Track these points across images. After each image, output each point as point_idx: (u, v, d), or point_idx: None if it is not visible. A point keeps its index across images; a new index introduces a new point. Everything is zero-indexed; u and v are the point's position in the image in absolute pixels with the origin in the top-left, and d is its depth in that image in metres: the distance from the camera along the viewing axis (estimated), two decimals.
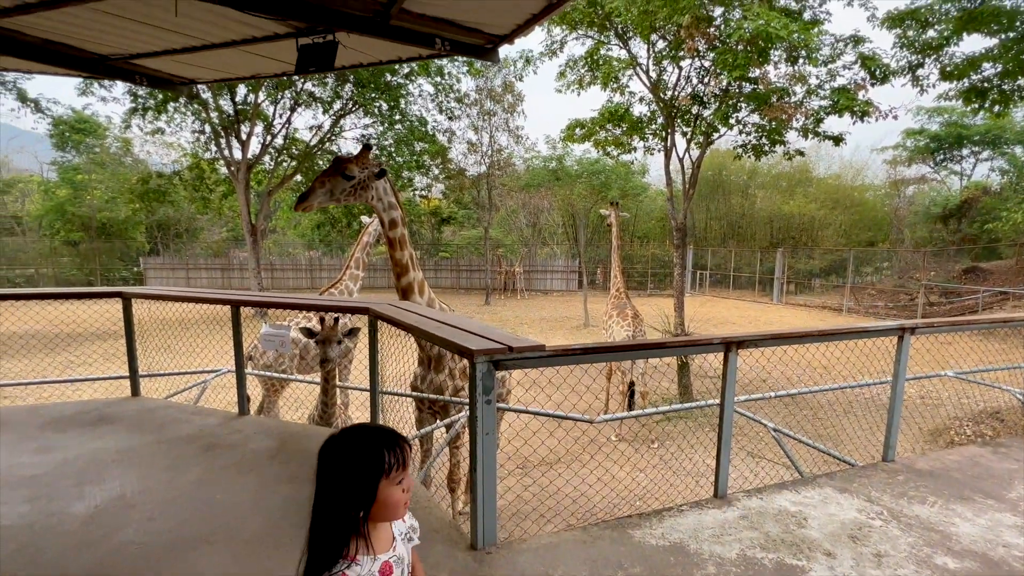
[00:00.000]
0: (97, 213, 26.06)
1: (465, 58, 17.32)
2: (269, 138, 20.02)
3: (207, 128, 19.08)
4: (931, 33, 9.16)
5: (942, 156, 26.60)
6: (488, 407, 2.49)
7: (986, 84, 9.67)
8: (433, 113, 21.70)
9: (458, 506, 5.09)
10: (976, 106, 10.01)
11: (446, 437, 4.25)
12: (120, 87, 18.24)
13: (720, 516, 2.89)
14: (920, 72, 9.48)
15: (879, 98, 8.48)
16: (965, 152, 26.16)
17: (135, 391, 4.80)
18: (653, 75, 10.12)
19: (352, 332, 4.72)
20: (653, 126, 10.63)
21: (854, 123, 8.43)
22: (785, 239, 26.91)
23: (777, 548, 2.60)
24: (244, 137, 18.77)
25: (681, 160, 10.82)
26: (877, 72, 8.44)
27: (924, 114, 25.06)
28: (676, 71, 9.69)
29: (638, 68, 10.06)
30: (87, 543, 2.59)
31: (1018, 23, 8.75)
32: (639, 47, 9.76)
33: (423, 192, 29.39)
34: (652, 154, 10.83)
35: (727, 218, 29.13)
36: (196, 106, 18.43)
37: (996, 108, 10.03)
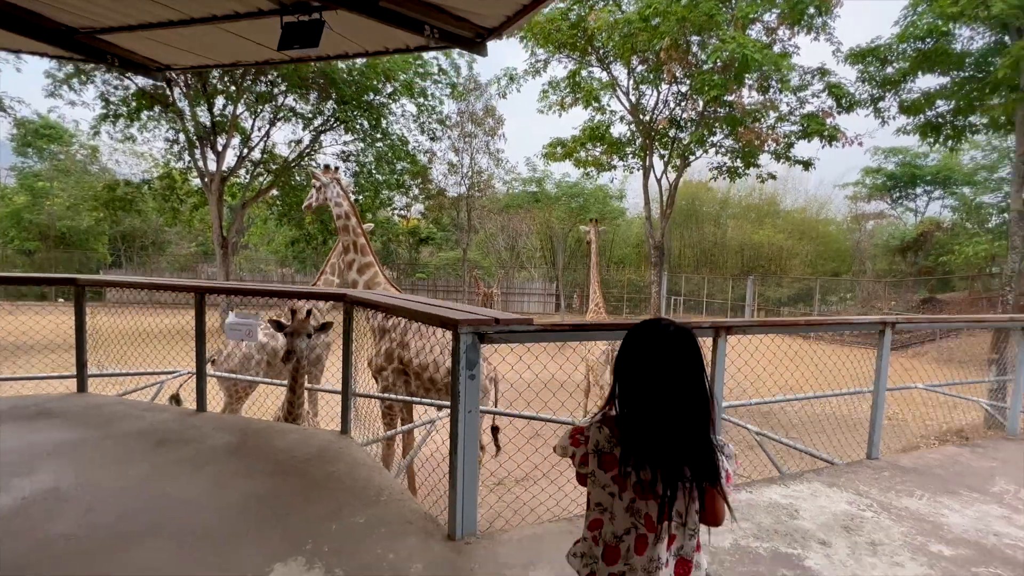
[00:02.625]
0: (57, 222, 24.90)
1: (458, 49, 17.53)
2: (246, 151, 19.68)
3: (181, 137, 18.66)
4: (890, 70, 9.82)
5: (898, 193, 28.22)
6: (472, 382, 2.34)
7: (940, 120, 10.37)
8: (415, 133, 21.83)
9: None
10: (932, 140, 10.69)
11: (426, 429, 4.03)
12: (91, 91, 17.75)
13: None
14: (881, 104, 10.12)
15: (844, 128, 9.00)
16: (919, 191, 27.84)
17: (81, 387, 4.41)
18: (633, 98, 10.44)
19: (324, 327, 4.49)
20: (632, 147, 10.90)
21: (823, 147, 8.86)
22: (755, 267, 27.74)
23: (771, 538, 2.49)
24: (220, 148, 18.39)
25: (659, 181, 11.08)
26: (843, 101, 8.95)
27: (881, 154, 26.66)
28: (655, 95, 10.04)
29: (618, 91, 10.38)
30: (10, 535, 2.27)
31: (967, 64, 9.48)
32: (619, 71, 10.10)
33: (402, 211, 29.27)
34: (631, 173, 11.10)
35: (700, 246, 29.91)
36: (171, 114, 18.06)
37: (949, 143, 10.74)
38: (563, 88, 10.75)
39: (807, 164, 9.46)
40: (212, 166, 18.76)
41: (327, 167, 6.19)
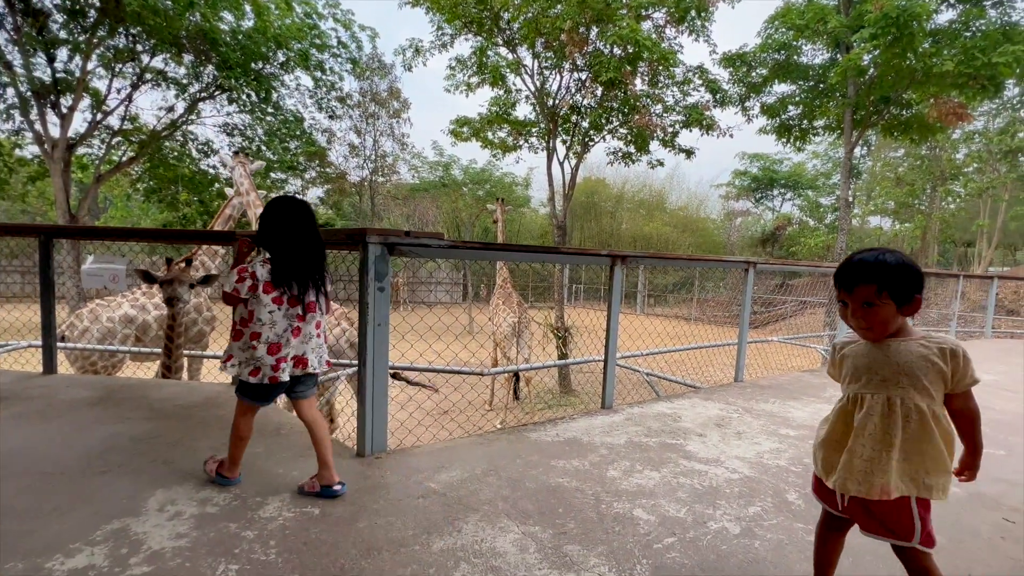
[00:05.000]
0: None
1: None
2: (100, 116, 16.84)
3: (10, 93, 15.43)
4: (754, 75, 11.34)
5: (760, 194, 32.54)
6: (381, 294, 2.30)
7: (791, 122, 12.21)
8: (312, 110, 20.34)
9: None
10: (785, 140, 12.55)
11: (330, 391, 3.85)
12: None
13: (608, 420, 3.02)
14: (748, 104, 11.66)
15: (719, 120, 10.28)
16: (775, 192, 32.35)
17: None
18: (537, 82, 10.79)
19: (207, 279, 4.06)
20: (536, 129, 11.27)
21: (702, 135, 9.96)
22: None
23: (659, 435, 2.79)
24: (64, 111, 15.52)
25: (561, 165, 11.60)
26: (718, 96, 10.13)
27: (747, 159, 30.50)
28: (558, 79, 10.47)
29: (524, 72, 10.65)
30: None
31: (811, 75, 11.28)
32: (525, 53, 10.36)
33: (297, 195, 27.18)
34: (536, 153, 11.44)
35: (598, 237, 31.83)
36: None
37: (798, 143, 12.69)
38: (470, 65, 10.77)
39: (689, 152, 10.56)
40: (55, 131, 15.78)
41: (237, 152, 5.79)
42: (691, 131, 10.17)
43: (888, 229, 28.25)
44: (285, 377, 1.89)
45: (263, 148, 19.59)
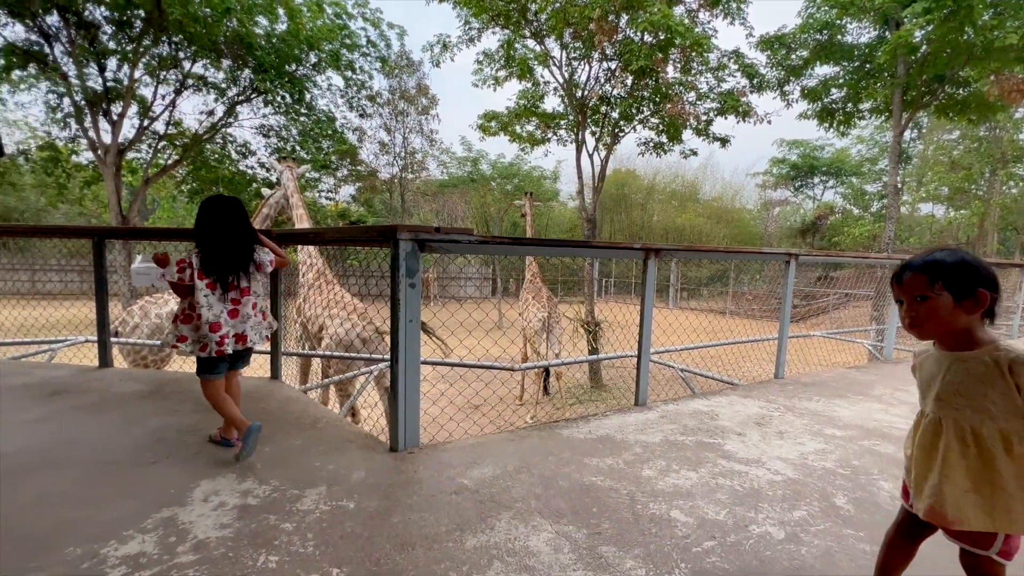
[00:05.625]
0: None
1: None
2: (147, 122, 17.68)
3: (66, 103, 16.38)
4: (794, 58, 10.81)
5: (800, 182, 31.18)
6: (412, 291, 2.31)
7: (834, 106, 11.60)
8: (343, 110, 20.75)
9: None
10: (828, 124, 11.93)
11: (360, 386, 3.92)
12: None
13: (642, 417, 2.95)
14: (787, 88, 11.14)
15: (756, 105, 9.85)
16: (816, 180, 30.93)
17: None
18: (566, 73, 10.64)
19: None
20: (565, 121, 11.13)
21: (738, 122, 9.59)
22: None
23: (695, 433, 2.71)
24: (115, 118, 16.36)
25: (591, 157, 11.42)
26: (755, 81, 9.73)
27: (786, 145, 29.24)
28: (587, 69, 10.29)
29: (552, 65, 10.52)
30: None
31: (856, 55, 10.66)
32: (553, 44, 10.23)
33: (329, 194, 27.82)
34: (564, 146, 11.30)
35: (629, 230, 31.28)
36: (52, 76, 15.77)
37: (841, 127, 12.04)
38: (497, 59, 10.71)
39: (724, 141, 10.20)
40: (107, 137, 16.67)
41: (284, 157, 6.05)
42: (726, 118, 9.83)
43: (941, 217, 26.59)
44: (229, 350, 2.24)
45: (298, 148, 20.14)
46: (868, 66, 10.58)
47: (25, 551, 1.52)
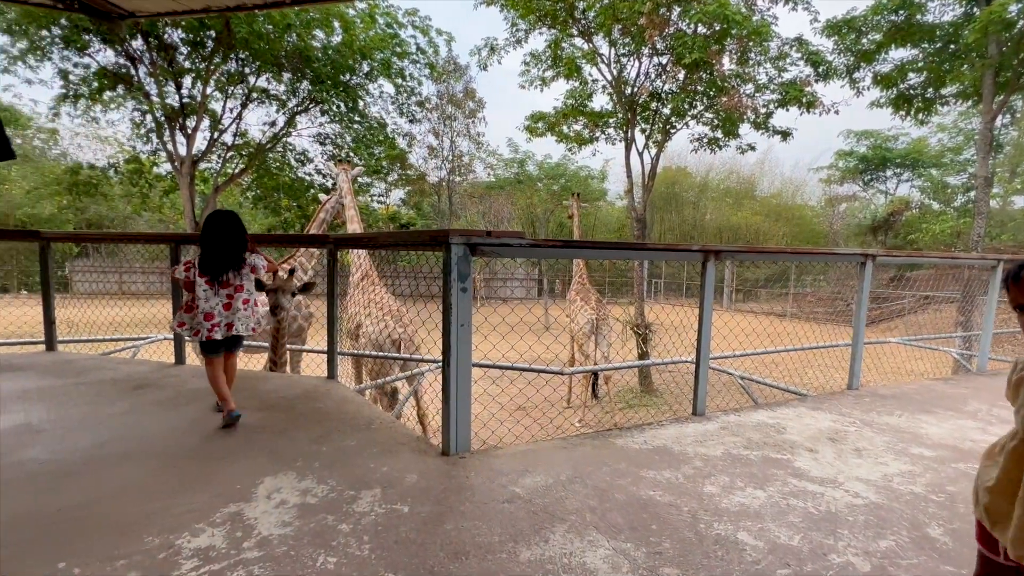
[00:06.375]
0: (15, 210, 23.75)
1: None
2: (217, 134, 19.02)
3: (148, 119, 17.91)
4: (864, 42, 10.01)
5: (869, 176, 28.96)
6: (464, 295, 2.30)
7: (912, 92, 10.65)
8: (393, 116, 21.40)
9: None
10: (904, 113, 10.97)
11: (412, 387, 3.99)
12: (48, 69, 16.87)
13: (701, 428, 2.80)
14: (856, 75, 10.34)
15: (821, 94, 9.17)
16: (889, 173, 28.60)
17: (50, 345, 4.22)
18: (615, 70, 10.42)
19: (307, 287, 4.38)
20: (614, 119, 10.90)
21: (801, 114, 9.00)
22: None
23: (760, 447, 2.53)
24: (190, 131, 17.72)
25: (640, 155, 11.13)
26: (820, 69, 9.10)
27: (853, 137, 27.26)
28: (636, 65, 10.02)
29: (600, 63, 10.34)
30: None
31: (937, 35, 9.73)
32: (601, 41, 10.05)
33: (380, 198, 28.77)
34: (613, 144, 11.08)
35: (680, 229, 30.26)
36: (136, 95, 17.29)
37: (920, 115, 11.04)
38: (545, 59, 10.65)
39: (785, 134, 9.60)
40: (182, 149, 18.08)
41: (340, 160, 6.46)
42: (788, 110, 9.27)
43: None
44: (218, 336, 2.67)
45: (351, 154, 20.97)
46: (953, 47, 9.65)
47: (112, 538, 1.63)
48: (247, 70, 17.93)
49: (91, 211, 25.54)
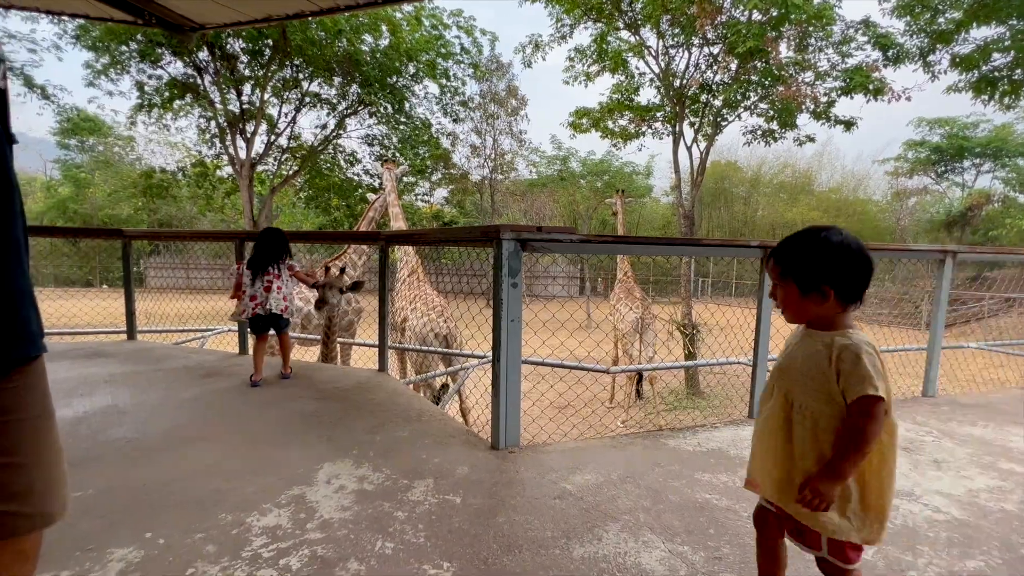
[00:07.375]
0: (98, 211, 25.97)
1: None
2: (273, 137, 20.04)
3: (212, 125, 19.12)
4: (941, 21, 9.20)
5: (943, 167, 26.71)
6: (514, 290, 2.31)
7: (997, 74, 9.68)
8: (438, 116, 21.78)
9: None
10: (987, 97, 10.00)
11: (458, 381, 4.05)
12: (126, 81, 18.30)
13: None
14: (931, 59, 9.50)
15: (891, 80, 8.47)
16: (966, 163, 26.27)
17: (131, 335, 4.59)
18: (662, 63, 10.13)
19: (356, 285, 4.54)
20: (661, 114, 10.61)
21: (868, 101, 8.39)
22: None
23: None
24: (249, 136, 18.77)
25: (689, 149, 10.77)
26: (890, 52, 8.45)
27: (925, 125, 25.23)
28: (686, 57, 9.70)
29: (647, 55, 10.08)
30: (74, 437, 2.37)
31: None
32: (648, 33, 9.80)
33: (425, 197, 29.37)
34: (660, 139, 10.78)
35: (729, 226, 29.09)
36: (202, 103, 18.51)
37: (1006, 99, 10.03)
38: (590, 54, 10.50)
39: (848, 124, 8.97)
40: (242, 153, 19.19)
41: (386, 160, 6.80)
42: (852, 98, 8.68)
43: None
44: (260, 312, 3.42)
45: (398, 155, 21.53)
46: None
47: (190, 513, 1.75)
48: (301, 76, 18.78)
49: (162, 212, 27.55)
